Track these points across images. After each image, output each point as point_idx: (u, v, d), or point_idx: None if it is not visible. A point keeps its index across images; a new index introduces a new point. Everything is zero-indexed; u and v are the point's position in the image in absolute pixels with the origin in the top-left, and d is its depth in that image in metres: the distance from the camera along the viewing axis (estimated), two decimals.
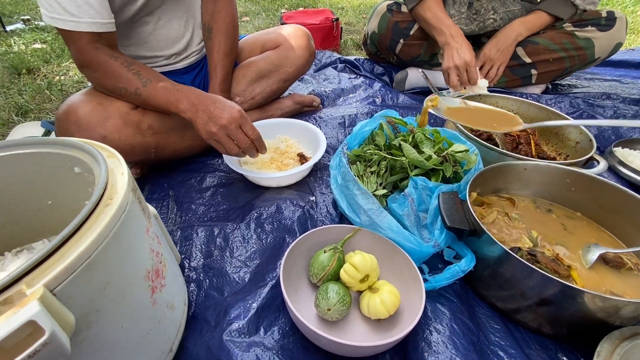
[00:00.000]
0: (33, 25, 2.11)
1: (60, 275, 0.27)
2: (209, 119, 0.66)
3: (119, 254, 0.34)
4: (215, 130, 0.66)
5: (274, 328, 0.48)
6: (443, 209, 0.54)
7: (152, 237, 0.41)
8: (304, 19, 1.59)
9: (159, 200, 0.74)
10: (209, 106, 0.67)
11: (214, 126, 0.66)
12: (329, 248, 0.55)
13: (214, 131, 0.66)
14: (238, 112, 0.67)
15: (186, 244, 0.63)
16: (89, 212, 0.32)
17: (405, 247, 0.53)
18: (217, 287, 0.56)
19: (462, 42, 1.01)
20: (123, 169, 0.40)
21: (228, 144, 0.67)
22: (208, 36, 0.90)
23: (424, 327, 0.48)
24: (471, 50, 1.01)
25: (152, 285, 0.40)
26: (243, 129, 0.68)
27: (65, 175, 0.45)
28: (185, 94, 0.69)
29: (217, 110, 0.67)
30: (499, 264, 0.51)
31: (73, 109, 0.66)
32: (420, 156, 0.65)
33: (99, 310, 0.32)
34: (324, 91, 1.18)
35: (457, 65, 1.00)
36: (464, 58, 0.99)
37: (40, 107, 1.18)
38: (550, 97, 1.09)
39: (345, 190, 0.63)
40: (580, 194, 0.63)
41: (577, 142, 0.83)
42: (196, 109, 0.68)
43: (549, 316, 0.48)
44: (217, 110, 0.67)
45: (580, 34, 1.08)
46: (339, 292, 0.49)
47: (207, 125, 0.66)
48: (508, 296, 0.51)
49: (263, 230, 0.64)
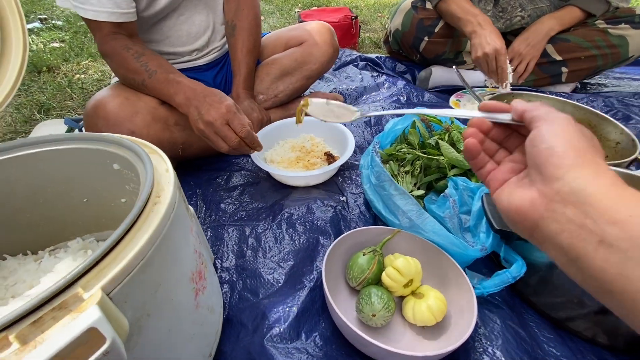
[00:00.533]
0: (50, 24, 2.13)
1: (117, 277, 0.26)
2: (198, 115, 0.64)
3: (169, 255, 0.32)
4: (202, 127, 0.64)
5: (315, 333, 0.46)
6: (489, 210, 0.51)
7: (195, 237, 0.39)
8: (323, 17, 1.57)
9: (187, 199, 0.73)
10: (200, 101, 0.65)
11: (201, 123, 0.64)
12: (368, 250, 0.52)
13: (201, 128, 0.64)
14: (225, 108, 0.64)
15: (217, 244, 0.61)
16: (141, 209, 0.30)
17: (449, 250, 0.51)
18: (251, 288, 0.54)
19: (492, 29, 0.96)
20: (167, 165, 0.38)
21: (217, 142, 0.64)
22: (231, 33, 0.89)
23: (474, 335, 0.45)
24: (501, 38, 0.96)
25: (196, 288, 0.38)
26: (231, 125, 0.64)
27: (103, 172, 0.43)
28: (182, 87, 0.67)
29: (205, 106, 0.64)
30: (550, 269, 0.48)
31: (102, 104, 0.65)
32: (460, 155, 0.62)
33: (150, 314, 0.30)
34: (346, 89, 1.16)
35: (487, 53, 0.94)
36: (493, 45, 0.93)
37: (62, 105, 1.18)
38: (582, 96, 1.06)
39: (381, 190, 0.61)
40: None
41: (617, 143, 0.79)
42: (189, 104, 0.66)
43: (606, 326, 0.45)
44: (205, 106, 0.64)
45: (613, 31, 1.04)
46: (383, 298, 0.46)
47: (196, 122, 0.64)
48: (561, 303, 0.48)
49: (295, 230, 0.62)
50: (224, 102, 0.65)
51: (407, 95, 1.09)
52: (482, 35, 0.95)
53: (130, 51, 0.70)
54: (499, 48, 0.93)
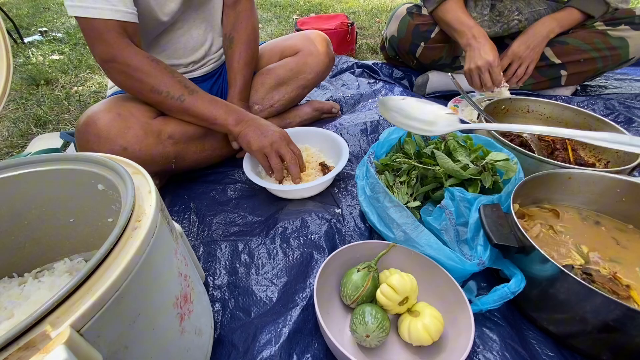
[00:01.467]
0: (50, 36, 2.15)
1: (88, 312, 0.25)
2: (261, 134, 0.72)
3: (148, 283, 0.31)
4: (267, 144, 0.71)
5: (307, 355, 0.45)
6: (487, 223, 0.50)
7: (180, 260, 0.38)
8: (319, 25, 1.57)
9: (180, 214, 0.72)
10: (259, 123, 0.74)
11: (266, 140, 0.71)
12: (362, 266, 0.51)
13: (266, 144, 0.71)
14: (286, 133, 0.75)
15: (210, 261, 0.60)
16: (117, 237, 0.29)
17: (445, 265, 0.49)
18: (243, 307, 0.53)
19: (485, 42, 0.97)
20: (150, 186, 0.37)
21: (274, 159, 0.72)
22: (229, 45, 0.89)
23: (472, 355, 0.44)
24: (495, 51, 0.96)
25: (180, 313, 0.37)
26: (290, 146, 0.74)
27: (88, 193, 0.42)
28: (233, 110, 0.74)
29: (268, 128, 0.73)
30: (551, 284, 0.46)
31: (93, 121, 0.64)
32: (456, 165, 0.61)
33: (128, 346, 0.29)
34: (342, 97, 1.15)
35: (479, 66, 0.95)
36: (485, 58, 0.94)
37: (59, 118, 1.18)
38: (582, 99, 1.04)
39: (375, 202, 0.60)
40: (632, 204, 0.58)
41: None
42: (246, 125, 0.73)
43: (611, 343, 0.43)
44: (268, 128, 0.73)
45: (613, 33, 1.02)
46: (377, 317, 0.45)
47: (259, 138, 0.72)
48: (563, 320, 0.47)
49: (289, 245, 0.61)
50: (276, 127, 0.75)
51: None
52: (476, 49, 0.96)
53: (161, 64, 0.70)
54: (491, 61, 0.94)
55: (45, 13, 2.81)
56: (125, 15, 0.66)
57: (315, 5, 2.82)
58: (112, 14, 0.64)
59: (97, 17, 0.63)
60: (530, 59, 1.04)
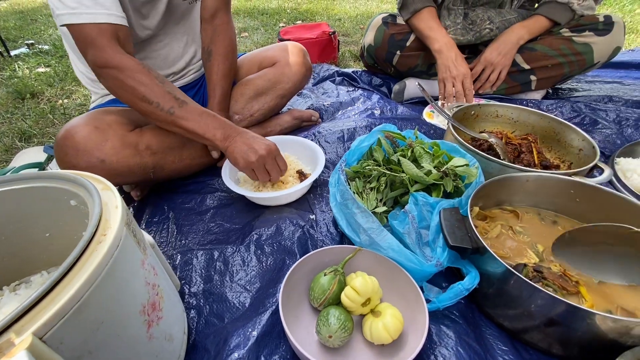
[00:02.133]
0: (37, 49, 2.16)
1: (50, 321, 0.27)
2: (248, 149, 0.72)
3: (112, 292, 0.33)
4: (254, 160, 0.71)
5: (275, 357, 0.47)
6: (445, 227, 0.53)
7: (147, 270, 0.41)
8: (301, 34, 1.61)
9: (159, 224, 0.74)
10: (245, 138, 0.74)
11: (254, 156, 0.71)
12: (330, 270, 0.54)
13: (253, 160, 0.71)
14: (274, 146, 0.75)
15: (186, 269, 0.63)
16: (82, 250, 0.32)
17: (406, 267, 0.52)
18: (217, 313, 0.55)
19: (457, 53, 1.03)
20: (117, 202, 0.40)
21: (262, 174, 0.73)
22: (207, 58, 0.91)
23: (428, 351, 0.46)
24: (465, 62, 1.03)
25: (148, 320, 0.39)
26: (277, 160, 0.75)
27: (61, 208, 0.45)
28: (221, 124, 0.74)
29: (256, 143, 0.73)
30: (503, 282, 0.49)
31: (70, 134, 0.66)
32: (420, 171, 0.64)
33: (92, 352, 0.31)
34: (322, 105, 1.18)
35: (454, 76, 1.00)
36: (461, 70, 1.00)
37: (44, 132, 1.20)
38: (551, 102, 1.08)
39: (345, 208, 0.62)
40: (585, 204, 0.61)
41: (580, 149, 0.81)
42: (233, 140, 0.73)
43: (558, 337, 0.47)
44: (256, 143, 0.73)
45: (578, 39, 1.07)
46: (340, 318, 0.47)
47: (246, 154, 0.71)
48: (515, 315, 0.50)
49: (263, 252, 0.64)
50: (269, 141, 0.75)
51: (381, 109, 1.11)
52: (448, 58, 1.01)
53: (153, 73, 0.69)
54: (465, 72, 1.00)
55: (32, 25, 2.82)
56: (117, 19, 0.66)
57: (302, 12, 2.86)
58: (105, 18, 0.64)
59: (90, 22, 0.64)
60: (502, 65, 1.09)
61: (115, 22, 0.66)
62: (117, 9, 0.67)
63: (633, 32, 2.00)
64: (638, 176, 0.77)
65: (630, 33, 1.99)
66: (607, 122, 0.99)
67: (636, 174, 0.77)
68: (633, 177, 0.77)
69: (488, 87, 1.13)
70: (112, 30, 0.66)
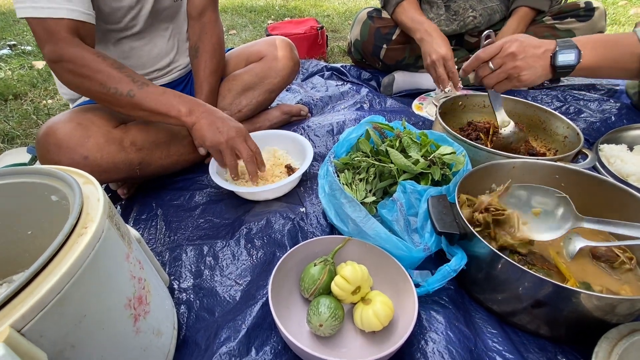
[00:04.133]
0: (20, 50, 2.11)
1: (27, 313, 0.26)
2: (216, 129, 0.69)
3: (94, 285, 0.33)
4: (223, 140, 0.68)
5: (266, 348, 0.47)
6: (432, 213, 0.53)
7: (132, 263, 0.40)
8: (289, 29, 1.60)
9: (147, 221, 0.73)
10: (214, 117, 0.70)
11: (222, 136, 0.68)
12: (319, 261, 0.54)
13: (221, 141, 0.68)
14: (242, 127, 0.72)
15: (175, 265, 0.62)
16: (61, 243, 0.31)
17: (395, 253, 0.53)
18: (207, 307, 0.55)
19: (437, 36, 1.00)
20: (99, 195, 0.39)
21: (229, 156, 0.70)
22: (194, 55, 0.90)
23: (419, 336, 0.47)
24: (447, 44, 0.99)
25: (134, 314, 0.38)
26: (247, 142, 0.71)
27: (43, 204, 0.44)
28: (186, 100, 0.70)
29: (224, 123, 0.70)
30: (491, 266, 0.50)
31: (52, 131, 0.65)
32: (408, 160, 0.64)
33: (75, 345, 0.31)
34: (311, 100, 1.18)
35: (434, 60, 0.98)
36: (438, 52, 0.97)
37: (27, 133, 1.17)
38: (536, 92, 1.10)
39: (333, 199, 0.62)
40: (570, 188, 0.62)
41: (565, 137, 0.83)
42: (199, 117, 0.69)
43: (545, 318, 0.47)
44: (224, 123, 0.70)
45: (560, 26, 1.08)
46: (331, 307, 0.47)
47: (214, 134, 0.68)
48: (503, 299, 0.50)
49: (253, 245, 0.63)
50: (238, 123, 0.71)
51: (370, 102, 1.12)
52: (429, 43, 0.99)
53: (108, 60, 0.66)
54: (445, 54, 0.97)
55: (14, 26, 2.75)
56: (81, 15, 0.64)
57: (290, 9, 2.85)
58: (67, 13, 0.62)
59: (50, 17, 0.61)
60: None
61: (77, 18, 0.63)
62: (83, 5, 0.64)
63: (616, 23, 2.04)
64: (621, 162, 0.78)
65: (614, 24, 2.02)
66: (591, 111, 1.01)
67: (619, 160, 0.79)
68: (616, 163, 0.79)
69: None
70: (72, 26, 0.63)
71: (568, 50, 0.66)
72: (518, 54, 0.67)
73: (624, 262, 0.52)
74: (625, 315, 0.44)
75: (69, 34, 0.63)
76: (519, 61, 0.67)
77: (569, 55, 0.66)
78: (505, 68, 0.68)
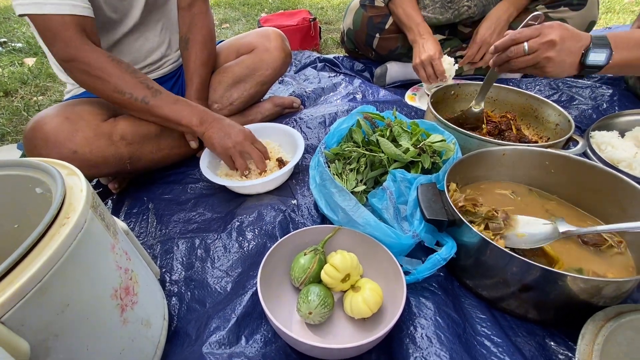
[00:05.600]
0: (10, 47, 2.09)
1: (7, 302, 0.26)
2: (225, 135, 0.73)
3: (77, 275, 0.32)
4: (231, 146, 0.73)
5: (256, 336, 0.47)
6: (421, 200, 0.53)
7: (118, 254, 0.40)
8: (282, 21, 1.58)
9: (139, 215, 0.73)
10: (222, 124, 0.75)
11: (230, 142, 0.73)
12: (309, 250, 0.54)
13: (230, 146, 0.73)
14: (249, 131, 0.77)
15: (167, 258, 0.62)
16: (41, 233, 0.31)
17: (384, 241, 0.53)
18: (198, 299, 0.55)
19: (428, 38, 1.03)
20: (82, 185, 0.39)
21: (238, 160, 0.74)
22: (185, 47, 0.89)
23: (408, 322, 0.47)
24: (436, 45, 1.03)
25: (121, 304, 0.38)
26: (255, 144, 0.76)
27: (27, 197, 0.43)
28: (197, 111, 0.75)
29: (232, 129, 0.74)
30: (480, 252, 0.50)
31: (39, 125, 0.64)
32: (398, 149, 0.64)
33: (58, 335, 0.30)
34: (304, 91, 1.17)
35: (422, 60, 1.01)
36: (427, 52, 1.01)
37: (18, 130, 1.16)
38: (529, 81, 1.09)
39: (323, 189, 0.62)
40: (559, 175, 0.62)
41: (556, 124, 0.82)
42: (210, 125, 0.74)
43: (533, 302, 0.48)
44: (232, 129, 0.74)
45: (553, 15, 1.07)
46: (320, 295, 0.48)
47: (223, 140, 0.73)
48: (492, 284, 0.50)
49: (244, 238, 0.63)
50: (245, 127, 0.76)
51: (363, 93, 1.11)
52: (419, 44, 1.02)
53: (122, 64, 0.69)
54: (432, 54, 1.00)
55: (4, 23, 2.71)
56: (83, 10, 0.64)
57: (283, 2, 2.82)
58: (70, 9, 0.62)
59: (54, 13, 0.61)
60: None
61: (80, 13, 0.64)
62: (84, 0, 0.64)
63: (610, 11, 2.03)
64: (612, 148, 0.78)
65: (608, 12, 2.01)
66: (583, 98, 1.01)
67: (610, 146, 0.79)
68: (607, 150, 0.79)
69: (481, 66, 1.14)
70: (78, 22, 0.64)
71: (600, 50, 0.60)
72: (557, 43, 0.60)
73: (612, 245, 0.52)
74: (612, 298, 0.44)
75: (76, 33, 0.64)
76: (554, 52, 0.60)
77: (600, 55, 0.60)
78: (538, 55, 0.61)
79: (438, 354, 0.42)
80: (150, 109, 0.71)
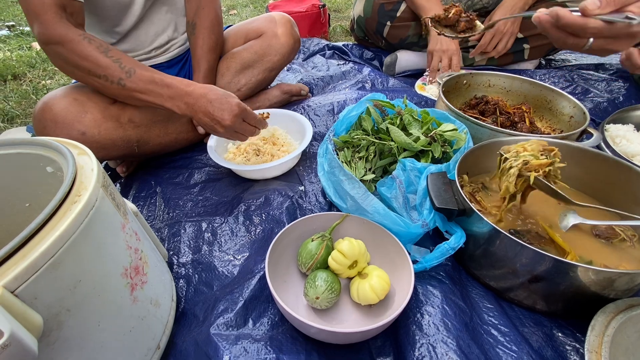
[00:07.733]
0: (18, 31, 2.09)
1: (20, 275, 0.26)
2: (212, 121, 0.65)
3: (89, 252, 0.33)
4: (223, 132, 0.66)
5: (263, 319, 0.48)
6: (431, 189, 0.53)
7: (129, 234, 0.40)
8: (290, 7, 1.56)
9: (147, 198, 0.73)
10: (207, 108, 0.65)
11: (220, 128, 0.65)
12: (317, 236, 0.54)
13: (221, 132, 0.66)
14: (237, 107, 0.65)
15: (174, 241, 0.62)
16: (53, 210, 0.31)
17: (393, 229, 0.52)
18: (206, 281, 0.55)
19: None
20: (93, 165, 0.39)
21: (237, 138, 0.69)
22: (192, 32, 0.88)
23: (415, 310, 0.47)
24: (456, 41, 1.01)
25: (131, 283, 0.39)
26: (246, 120, 0.67)
27: (39, 176, 0.43)
28: (177, 91, 0.65)
29: (217, 112, 0.64)
30: (490, 242, 0.49)
31: (48, 107, 0.64)
32: (408, 138, 0.63)
33: (70, 309, 0.31)
34: (312, 79, 1.16)
35: (444, 50, 1.00)
36: (452, 46, 0.99)
37: (27, 112, 1.17)
38: (543, 72, 1.07)
39: (332, 176, 0.62)
40: (573, 167, 0.61)
41: (571, 117, 0.81)
42: (194, 110, 0.65)
43: (542, 292, 0.47)
44: (217, 112, 0.64)
45: (571, 5, 1.04)
46: (327, 280, 0.48)
47: (212, 128, 0.66)
48: (500, 275, 0.50)
49: (252, 222, 0.63)
50: (232, 102, 0.66)
51: (372, 81, 1.09)
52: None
53: (93, 42, 0.62)
54: (455, 49, 1.00)
55: (13, 7, 2.71)
56: None
57: None
58: None
59: None
60: (510, 33, 1.06)
61: None
62: None
63: None
64: (627, 142, 0.77)
65: None
66: (598, 91, 0.98)
67: (625, 140, 0.77)
68: (622, 143, 0.77)
69: (493, 55, 1.11)
70: (58, 4, 0.60)
71: None
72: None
73: (625, 239, 0.51)
74: (623, 291, 0.44)
75: (55, 14, 0.60)
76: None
77: None
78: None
79: (445, 341, 0.42)
80: (128, 92, 0.64)
